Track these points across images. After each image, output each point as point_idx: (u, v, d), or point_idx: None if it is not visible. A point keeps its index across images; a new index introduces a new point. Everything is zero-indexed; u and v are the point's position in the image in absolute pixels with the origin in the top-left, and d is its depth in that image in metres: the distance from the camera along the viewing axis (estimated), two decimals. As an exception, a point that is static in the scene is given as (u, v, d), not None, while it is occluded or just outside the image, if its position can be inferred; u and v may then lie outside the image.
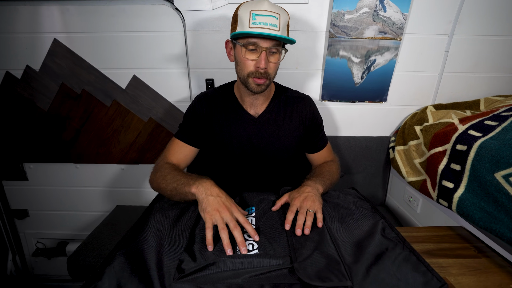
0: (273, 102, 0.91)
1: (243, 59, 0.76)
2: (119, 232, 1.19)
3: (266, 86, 0.80)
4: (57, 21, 1.15)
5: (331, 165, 0.94)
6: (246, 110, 0.90)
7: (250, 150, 0.91)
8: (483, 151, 0.78)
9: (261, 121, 0.90)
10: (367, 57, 1.19)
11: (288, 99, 0.93)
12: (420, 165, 1.07)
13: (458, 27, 1.14)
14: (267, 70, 0.77)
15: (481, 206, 0.77)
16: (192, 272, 0.50)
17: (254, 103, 0.89)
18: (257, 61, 0.75)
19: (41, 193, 1.45)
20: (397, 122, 1.32)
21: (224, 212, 0.62)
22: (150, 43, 1.19)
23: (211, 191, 0.67)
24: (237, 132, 0.89)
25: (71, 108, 1.29)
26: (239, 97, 0.90)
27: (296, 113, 0.92)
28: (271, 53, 0.76)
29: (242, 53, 0.76)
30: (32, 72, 1.23)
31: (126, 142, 1.35)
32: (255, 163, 0.92)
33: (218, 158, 0.94)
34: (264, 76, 0.77)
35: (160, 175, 0.79)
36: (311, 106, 0.94)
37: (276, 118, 0.90)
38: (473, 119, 0.93)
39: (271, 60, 0.77)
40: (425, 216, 1.09)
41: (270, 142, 0.90)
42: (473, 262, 0.68)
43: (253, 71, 0.77)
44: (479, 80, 1.23)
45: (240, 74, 0.81)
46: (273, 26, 0.72)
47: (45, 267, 1.59)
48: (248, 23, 0.71)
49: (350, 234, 0.63)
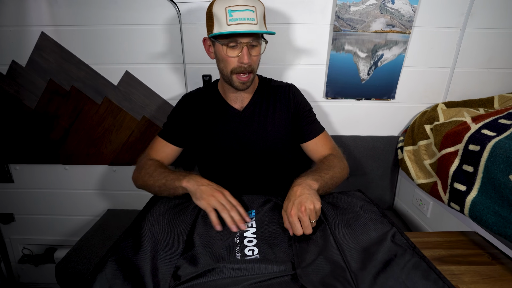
0: (257, 94, 0.95)
1: (225, 57, 0.81)
2: (110, 237, 1.19)
3: (250, 82, 0.85)
4: (44, 14, 1.15)
5: (330, 159, 0.89)
6: (231, 104, 0.94)
7: (237, 144, 0.93)
8: (497, 152, 0.78)
9: (246, 115, 0.93)
10: (374, 52, 1.19)
11: (271, 90, 0.97)
12: (430, 166, 1.07)
13: (470, 20, 1.14)
14: (250, 64, 0.81)
15: (495, 210, 0.77)
16: (189, 279, 0.50)
17: (239, 97, 0.94)
18: (239, 57, 0.80)
19: (28, 196, 1.45)
20: (406, 120, 1.32)
21: (219, 196, 0.70)
22: (144, 36, 1.19)
23: (202, 181, 0.75)
24: (222, 128, 0.93)
25: (60, 106, 1.29)
26: (223, 93, 0.95)
27: (280, 102, 0.95)
28: (251, 46, 0.81)
29: (224, 51, 0.80)
30: (18, 67, 1.23)
31: (118, 142, 1.35)
32: (244, 158, 0.95)
33: (207, 157, 0.98)
34: (248, 70, 0.82)
35: (146, 173, 0.84)
36: (294, 93, 0.97)
37: (260, 110, 0.94)
38: (487, 118, 0.93)
39: (253, 54, 0.81)
40: (436, 220, 1.09)
41: (257, 135, 0.93)
42: (487, 269, 0.67)
43: (236, 67, 0.82)
44: (493, 76, 1.23)
45: (223, 71, 0.85)
46: (251, 20, 0.76)
47: (32, 275, 1.59)
48: (225, 20, 0.75)
49: (356, 239, 0.63)
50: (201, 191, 0.72)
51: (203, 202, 0.69)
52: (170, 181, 0.78)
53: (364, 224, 0.69)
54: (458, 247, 0.76)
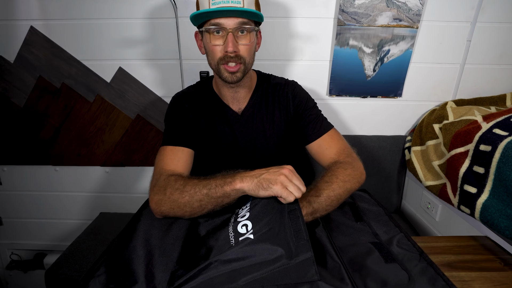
0: (255, 94, 0.92)
1: (210, 46, 0.77)
2: (103, 242, 1.19)
3: (241, 73, 0.79)
4: (34, 7, 1.15)
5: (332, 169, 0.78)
6: (229, 106, 0.91)
7: (237, 150, 0.92)
8: (509, 152, 0.79)
9: (245, 118, 0.91)
10: (380, 47, 1.19)
11: (270, 88, 0.93)
12: (439, 167, 1.07)
13: (481, 14, 1.14)
14: (238, 53, 0.76)
15: (507, 213, 0.77)
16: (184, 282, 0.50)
17: (236, 97, 0.89)
18: (224, 45, 0.75)
19: (16, 198, 1.45)
20: (413, 119, 1.32)
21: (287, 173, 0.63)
22: (138, 31, 1.19)
23: (255, 173, 0.66)
24: (223, 131, 0.91)
25: (50, 104, 1.29)
26: (218, 93, 0.91)
27: (279, 103, 0.91)
28: (240, 33, 0.76)
29: (208, 39, 0.77)
30: (6, 63, 1.23)
31: (111, 142, 1.35)
32: (243, 162, 0.92)
33: (207, 159, 0.95)
34: (235, 60, 0.76)
35: (174, 190, 0.70)
36: (294, 91, 0.92)
37: (259, 112, 0.91)
38: (499, 116, 0.93)
39: (242, 42, 0.76)
40: (445, 224, 1.10)
41: (256, 140, 0.91)
42: (499, 275, 0.68)
43: (222, 57, 0.77)
44: (505, 73, 1.23)
45: (211, 64, 0.81)
46: (236, 3, 0.71)
47: (21, 281, 1.59)
48: (208, 3, 0.72)
49: (354, 243, 0.64)
50: (267, 179, 0.62)
51: (277, 187, 0.61)
52: (214, 188, 0.67)
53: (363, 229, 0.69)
54: (468, 252, 0.76)
